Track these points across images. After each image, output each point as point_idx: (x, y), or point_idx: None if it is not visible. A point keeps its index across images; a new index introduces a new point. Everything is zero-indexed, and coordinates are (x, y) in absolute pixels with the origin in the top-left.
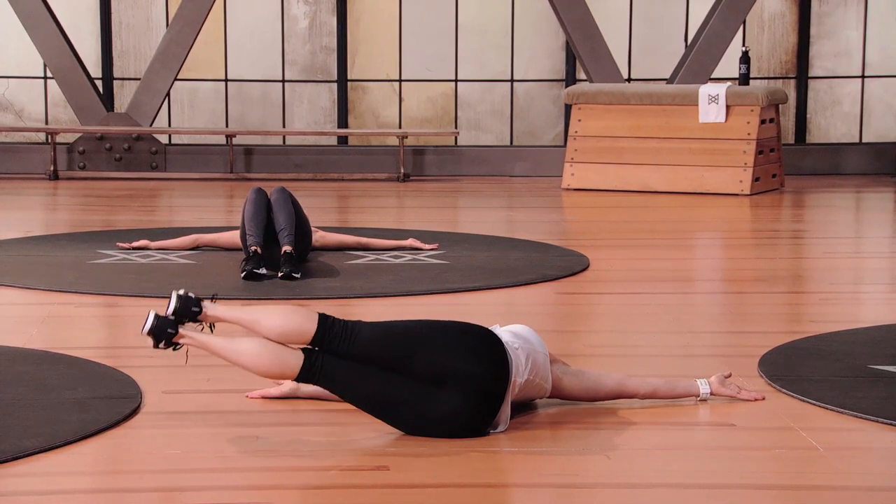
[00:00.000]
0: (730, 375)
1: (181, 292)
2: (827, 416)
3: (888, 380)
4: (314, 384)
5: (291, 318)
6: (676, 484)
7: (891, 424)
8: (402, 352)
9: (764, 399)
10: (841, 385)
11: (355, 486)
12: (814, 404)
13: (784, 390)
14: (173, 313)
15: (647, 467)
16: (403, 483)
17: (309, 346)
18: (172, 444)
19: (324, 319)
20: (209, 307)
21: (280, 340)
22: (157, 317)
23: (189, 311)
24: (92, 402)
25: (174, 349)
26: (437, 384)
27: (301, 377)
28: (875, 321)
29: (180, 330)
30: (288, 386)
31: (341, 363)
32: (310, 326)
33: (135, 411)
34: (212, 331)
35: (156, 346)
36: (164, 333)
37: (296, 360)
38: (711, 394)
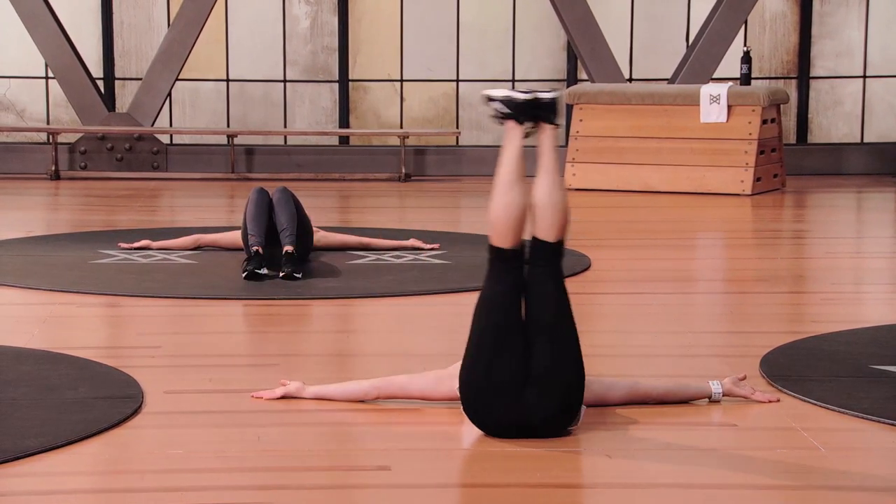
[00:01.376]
0: (744, 378)
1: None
2: (828, 416)
3: (889, 380)
4: (491, 274)
5: (557, 210)
6: (677, 484)
7: (892, 425)
8: (544, 324)
9: (779, 401)
10: (842, 385)
11: (357, 486)
12: (815, 404)
13: (785, 390)
14: (540, 99)
15: (648, 467)
16: (405, 483)
17: (519, 246)
18: (174, 443)
19: (562, 245)
20: (547, 128)
21: (535, 209)
22: (525, 98)
23: (547, 115)
24: (93, 402)
25: (504, 120)
26: (531, 382)
27: (500, 253)
28: (876, 321)
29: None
30: (293, 386)
31: (515, 289)
32: (552, 234)
33: (136, 411)
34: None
35: (501, 109)
36: (528, 115)
37: (515, 240)
38: (724, 395)
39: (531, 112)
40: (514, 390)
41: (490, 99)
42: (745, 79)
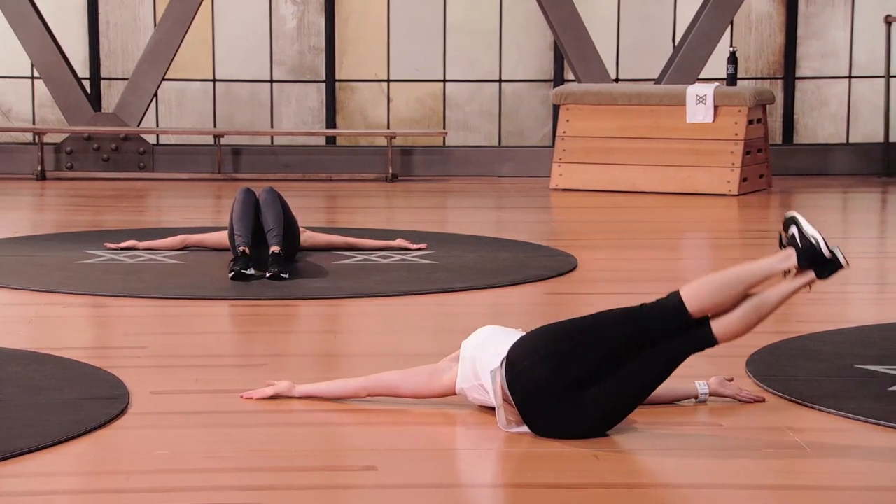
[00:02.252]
0: (731, 380)
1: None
2: (814, 416)
3: (875, 380)
4: (652, 309)
5: (743, 325)
6: (665, 484)
7: (877, 424)
8: (635, 370)
9: (764, 401)
10: (828, 385)
11: (343, 486)
12: (801, 404)
13: (771, 390)
14: (836, 262)
15: (633, 467)
16: (391, 483)
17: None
18: (160, 444)
19: (712, 345)
20: (811, 276)
21: (736, 308)
22: (825, 255)
23: (824, 272)
24: (80, 403)
25: (787, 246)
26: (591, 390)
27: (677, 307)
28: (862, 321)
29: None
30: (283, 385)
31: (646, 335)
32: (721, 333)
33: (123, 412)
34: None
35: (795, 241)
36: (811, 264)
37: (698, 311)
38: (710, 395)
39: (816, 264)
40: (568, 383)
41: (796, 223)
42: (732, 79)
